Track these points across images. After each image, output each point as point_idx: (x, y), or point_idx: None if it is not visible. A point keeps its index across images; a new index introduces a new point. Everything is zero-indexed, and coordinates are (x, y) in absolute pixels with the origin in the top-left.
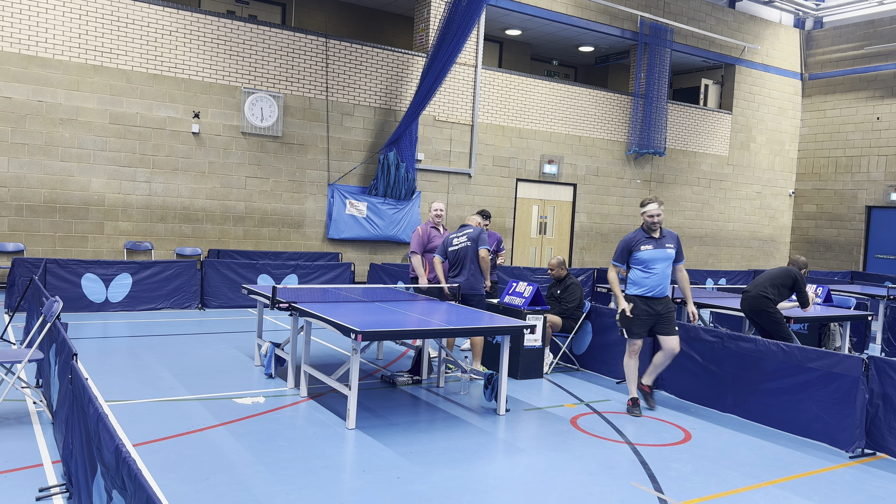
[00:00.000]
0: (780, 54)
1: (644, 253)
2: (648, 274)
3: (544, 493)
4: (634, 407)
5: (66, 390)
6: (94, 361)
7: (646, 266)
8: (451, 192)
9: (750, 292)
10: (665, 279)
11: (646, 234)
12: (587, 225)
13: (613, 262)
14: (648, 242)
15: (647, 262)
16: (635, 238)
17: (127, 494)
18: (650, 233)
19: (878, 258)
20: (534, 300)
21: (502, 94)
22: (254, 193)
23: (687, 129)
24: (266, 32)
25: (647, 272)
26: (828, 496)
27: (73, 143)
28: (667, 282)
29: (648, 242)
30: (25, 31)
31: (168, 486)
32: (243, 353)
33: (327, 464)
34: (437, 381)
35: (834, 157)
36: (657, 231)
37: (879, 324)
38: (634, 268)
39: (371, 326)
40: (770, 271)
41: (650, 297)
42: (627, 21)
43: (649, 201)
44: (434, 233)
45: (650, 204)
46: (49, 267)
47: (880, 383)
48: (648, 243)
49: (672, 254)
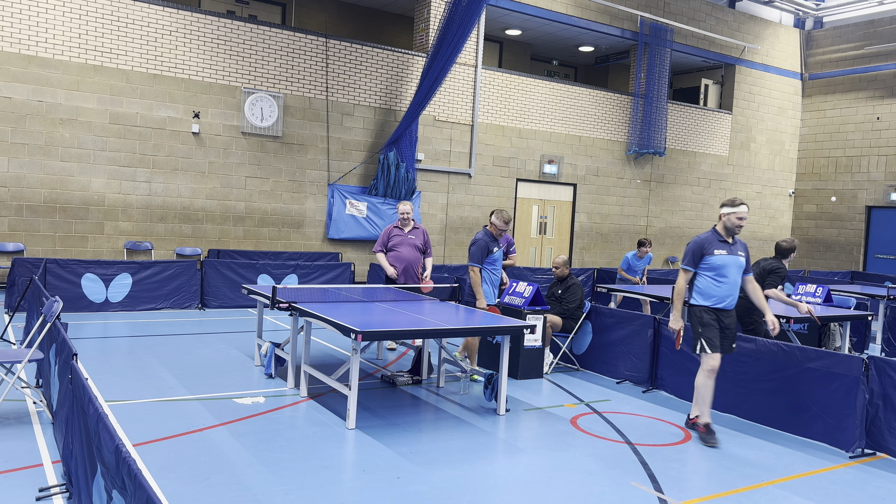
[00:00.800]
0: (780, 54)
1: (717, 258)
2: (720, 283)
3: (544, 493)
4: (710, 434)
5: (66, 390)
6: (94, 361)
7: (717, 273)
8: (451, 192)
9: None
10: (736, 289)
11: (720, 237)
12: (587, 225)
13: (685, 267)
14: (722, 247)
15: (720, 269)
16: (709, 240)
17: (127, 494)
18: (726, 237)
19: (878, 258)
20: (534, 300)
21: (502, 94)
22: (254, 193)
23: (687, 129)
24: (266, 32)
25: (719, 281)
26: (828, 496)
27: (73, 143)
28: (737, 292)
29: (722, 247)
30: (25, 31)
31: (168, 486)
32: (243, 353)
33: (327, 464)
34: (437, 381)
35: (834, 157)
36: (731, 236)
37: (879, 324)
38: (703, 274)
39: (371, 326)
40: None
41: (719, 309)
42: (627, 21)
43: (741, 202)
44: (396, 232)
45: (742, 206)
46: (49, 267)
47: (880, 383)
48: (722, 248)
49: (744, 262)
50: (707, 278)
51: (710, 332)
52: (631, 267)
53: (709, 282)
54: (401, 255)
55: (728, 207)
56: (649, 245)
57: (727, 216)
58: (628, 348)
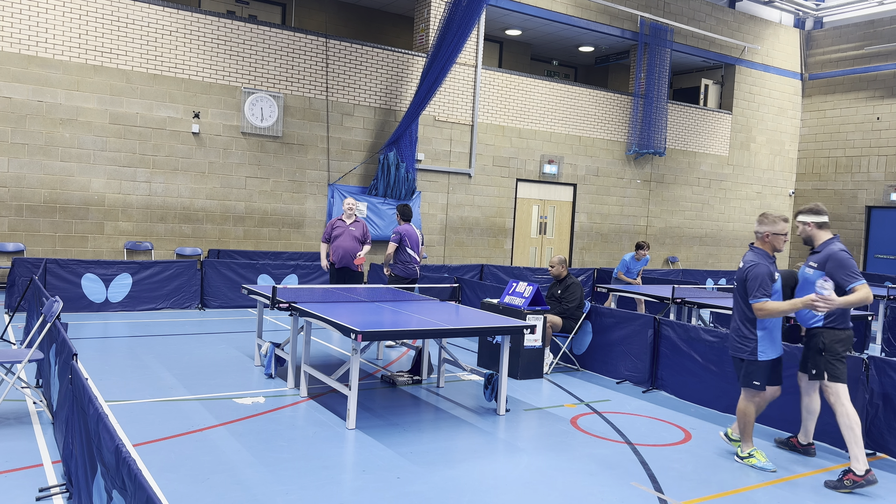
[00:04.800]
0: (780, 54)
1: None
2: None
3: (544, 493)
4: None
5: (66, 390)
6: (94, 361)
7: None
8: (451, 192)
9: None
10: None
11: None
12: (587, 225)
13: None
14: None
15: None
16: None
17: (127, 494)
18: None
19: (878, 258)
20: (534, 300)
21: (502, 94)
22: (254, 193)
23: (687, 129)
24: (266, 32)
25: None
26: (828, 496)
27: (73, 143)
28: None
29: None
30: (25, 31)
31: (168, 486)
32: (243, 353)
33: (327, 464)
34: (437, 381)
35: (834, 157)
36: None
37: (879, 324)
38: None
39: (371, 326)
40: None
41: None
42: (627, 21)
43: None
44: (339, 224)
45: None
46: (49, 267)
47: (880, 383)
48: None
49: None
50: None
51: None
52: (630, 269)
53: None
54: (341, 245)
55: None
56: (647, 248)
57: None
58: (628, 348)
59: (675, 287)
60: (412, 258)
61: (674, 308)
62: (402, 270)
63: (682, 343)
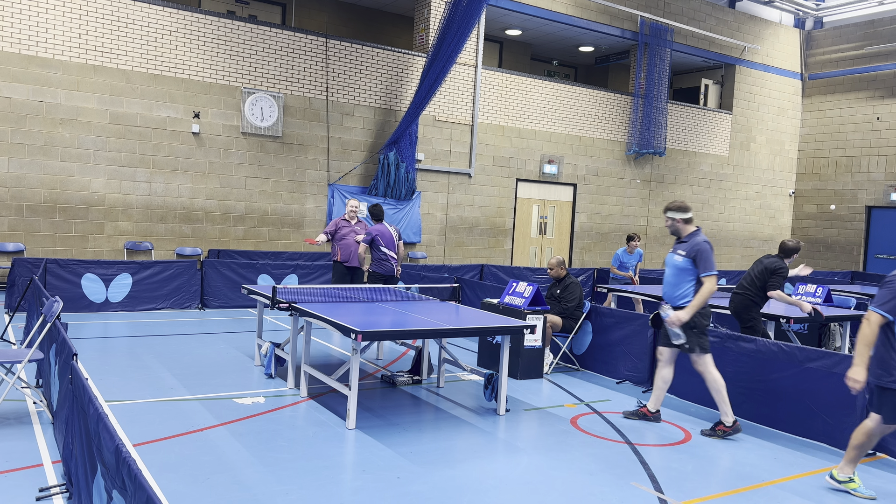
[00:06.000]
0: (780, 54)
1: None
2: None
3: (544, 493)
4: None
5: (66, 390)
6: (94, 361)
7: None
8: (451, 192)
9: (736, 291)
10: (668, 287)
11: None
12: (587, 225)
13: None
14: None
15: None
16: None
17: (127, 494)
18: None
19: (878, 258)
20: (534, 300)
21: (502, 94)
22: (254, 193)
23: (687, 129)
24: (266, 32)
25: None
26: (828, 496)
27: (73, 143)
28: (668, 289)
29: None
30: (25, 31)
31: (168, 486)
32: (243, 353)
33: (327, 464)
34: (437, 381)
35: (834, 157)
36: (676, 237)
37: None
38: None
39: (371, 326)
40: (752, 270)
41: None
42: (627, 21)
43: (666, 207)
44: (343, 224)
45: (666, 211)
46: (49, 267)
47: None
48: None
49: (681, 261)
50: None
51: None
52: (623, 263)
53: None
54: (349, 243)
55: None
56: (638, 239)
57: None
58: (628, 348)
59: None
60: (388, 256)
61: None
62: (380, 268)
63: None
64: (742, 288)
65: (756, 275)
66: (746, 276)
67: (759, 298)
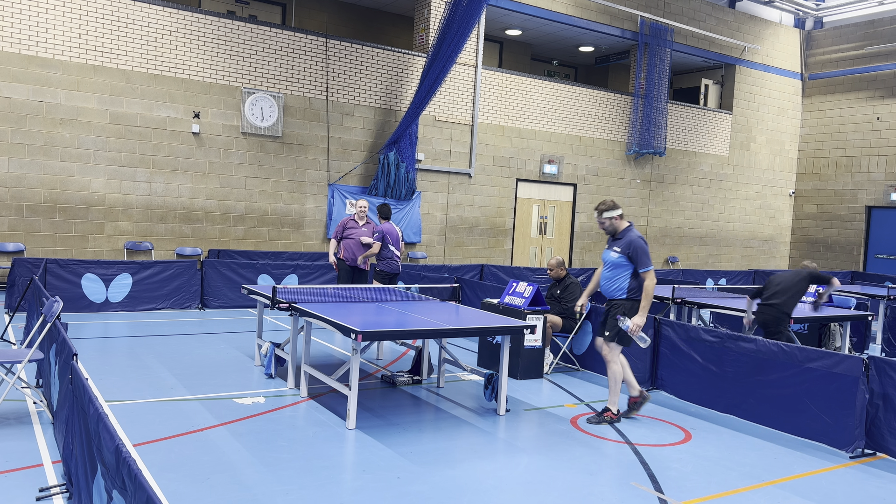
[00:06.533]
0: (780, 54)
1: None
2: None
3: (544, 493)
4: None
5: (67, 390)
6: (94, 361)
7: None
8: (451, 192)
9: (773, 303)
10: (605, 280)
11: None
12: (587, 225)
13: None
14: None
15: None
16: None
17: (127, 494)
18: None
19: (878, 258)
20: (534, 300)
21: (502, 94)
22: (254, 193)
23: (687, 129)
24: (266, 32)
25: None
26: (828, 496)
27: (73, 143)
28: (606, 283)
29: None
30: (25, 31)
31: (168, 486)
32: (243, 353)
33: (327, 464)
34: (437, 381)
35: (834, 157)
36: (610, 234)
37: (879, 324)
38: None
39: (371, 326)
40: (787, 282)
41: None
42: (627, 21)
43: (596, 207)
44: (352, 224)
45: (595, 210)
46: (49, 267)
47: (880, 383)
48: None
49: (616, 257)
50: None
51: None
52: None
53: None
54: (354, 243)
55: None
56: None
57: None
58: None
59: (675, 287)
60: (394, 254)
61: (674, 308)
62: (387, 266)
63: (682, 343)
64: (771, 299)
65: (800, 290)
66: (782, 289)
67: (790, 309)
